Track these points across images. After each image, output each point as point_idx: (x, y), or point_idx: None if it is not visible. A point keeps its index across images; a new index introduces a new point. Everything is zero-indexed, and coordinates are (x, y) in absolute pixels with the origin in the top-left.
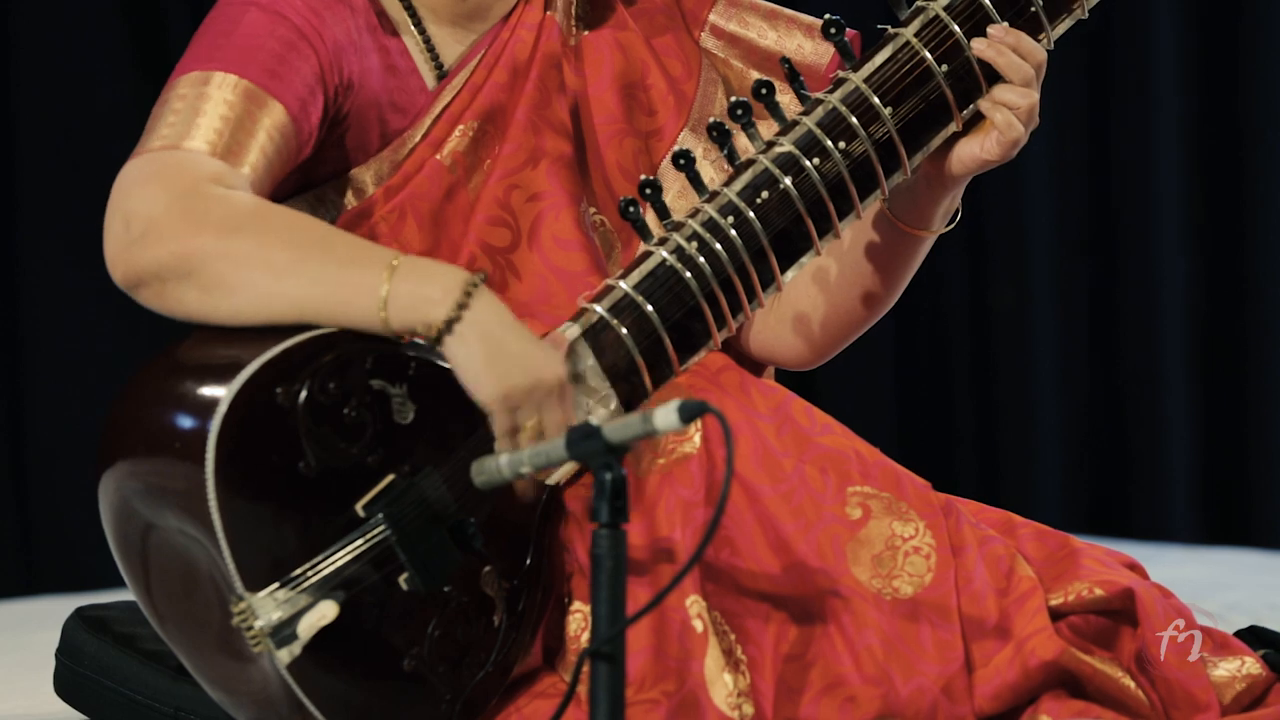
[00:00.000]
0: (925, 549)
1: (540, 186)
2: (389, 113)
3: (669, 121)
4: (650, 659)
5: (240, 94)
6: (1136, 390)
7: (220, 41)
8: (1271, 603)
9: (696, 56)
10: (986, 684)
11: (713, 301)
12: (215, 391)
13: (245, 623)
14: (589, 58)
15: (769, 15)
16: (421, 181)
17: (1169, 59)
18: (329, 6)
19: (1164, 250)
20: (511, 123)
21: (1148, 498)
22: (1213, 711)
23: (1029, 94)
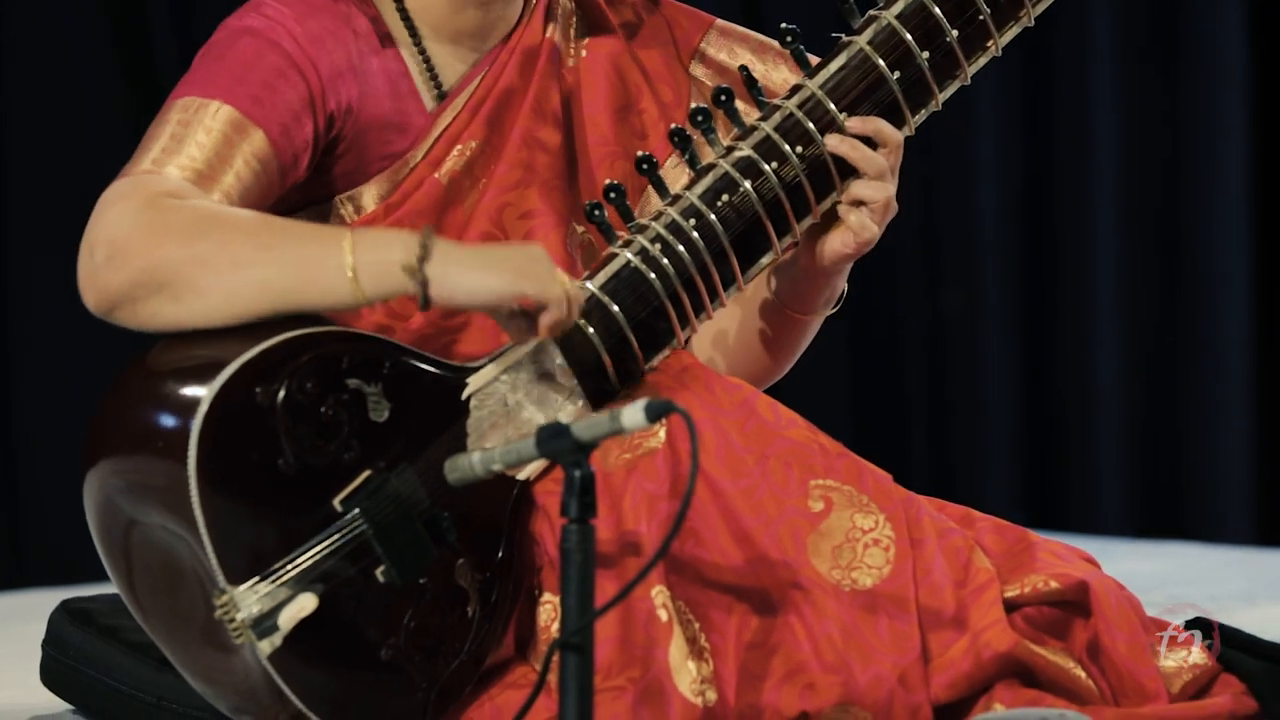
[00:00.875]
0: (885, 541)
1: (532, 205)
2: (390, 133)
3: (659, 145)
4: (617, 648)
5: (223, 121)
6: (1077, 388)
7: (213, 68)
8: (1213, 594)
9: (686, 85)
10: (942, 674)
11: (676, 301)
12: (196, 391)
13: (227, 615)
14: (585, 80)
15: (758, 48)
16: (420, 199)
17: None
18: (331, 32)
19: (1101, 258)
20: (507, 143)
21: (1089, 493)
22: (1161, 700)
23: (884, 188)
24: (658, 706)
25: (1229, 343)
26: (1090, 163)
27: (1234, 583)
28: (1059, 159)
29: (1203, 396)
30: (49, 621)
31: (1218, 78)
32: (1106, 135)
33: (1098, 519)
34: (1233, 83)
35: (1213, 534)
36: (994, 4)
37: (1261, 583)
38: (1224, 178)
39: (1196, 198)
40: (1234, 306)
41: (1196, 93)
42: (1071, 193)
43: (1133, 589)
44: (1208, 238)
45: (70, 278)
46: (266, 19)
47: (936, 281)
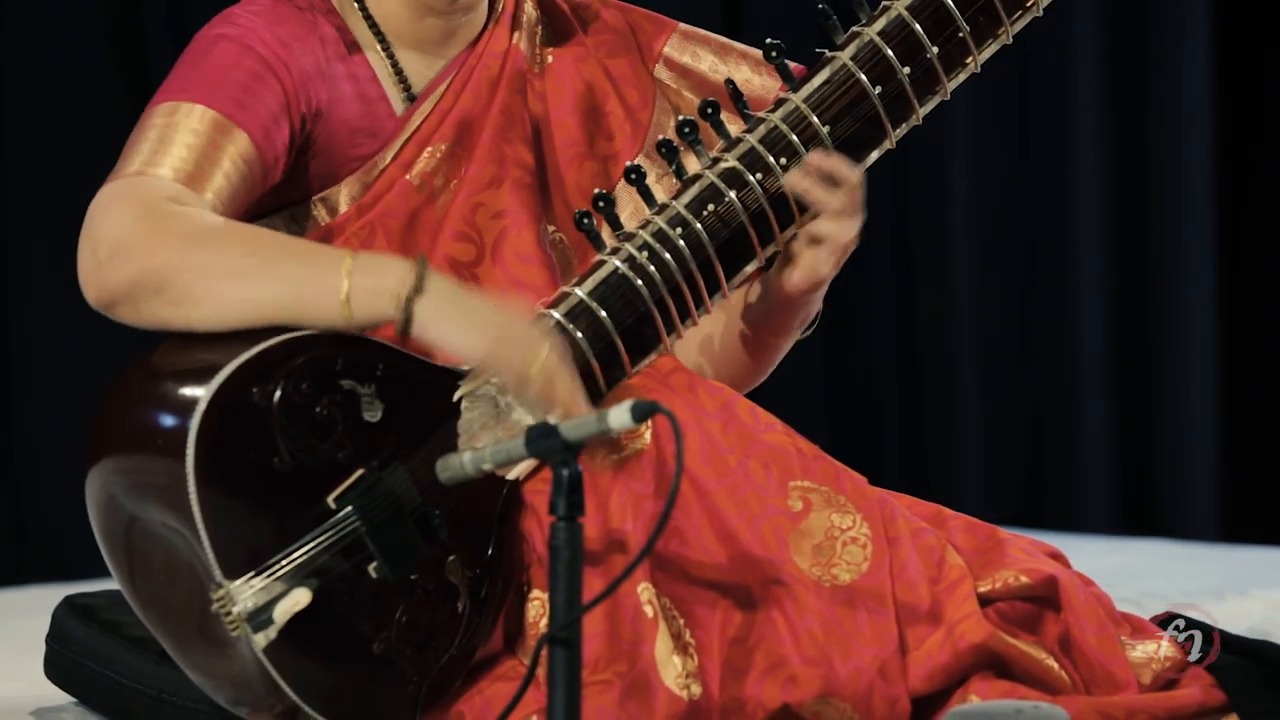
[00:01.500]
0: (862, 539)
1: (503, 205)
2: (359, 136)
3: (625, 146)
4: (604, 643)
5: (207, 123)
6: (1053, 393)
7: (191, 74)
8: (1185, 589)
9: (651, 87)
10: (919, 666)
11: (662, 307)
12: (194, 392)
13: (224, 609)
14: (552, 84)
15: (720, 49)
16: (391, 200)
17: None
18: (299, 39)
19: (1081, 262)
20: (477, 145)
21: (1065, 492)
22: (1131, 690)
23: (846, 227)
24: (644, 700)
25: (1196, 351)
26: (1070, 171)
27: (1202, 578)
28: (1036, 166)
29: (1173, 402)
30: (52, 617)
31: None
32: (1086, 144)
33: (1072, 517)
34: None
35: (1182, 531)
36: (974, 22)
37: (1228, 578)
38: (1189, 191)
39: (1166, 211)
40: (1200, 316)
41: (1167, 104)
42: (1051, 199)
43: (1104, 584)
44: (1176, 250)
45: (71, 280)
46: (239, 26)
47: (911, 284)
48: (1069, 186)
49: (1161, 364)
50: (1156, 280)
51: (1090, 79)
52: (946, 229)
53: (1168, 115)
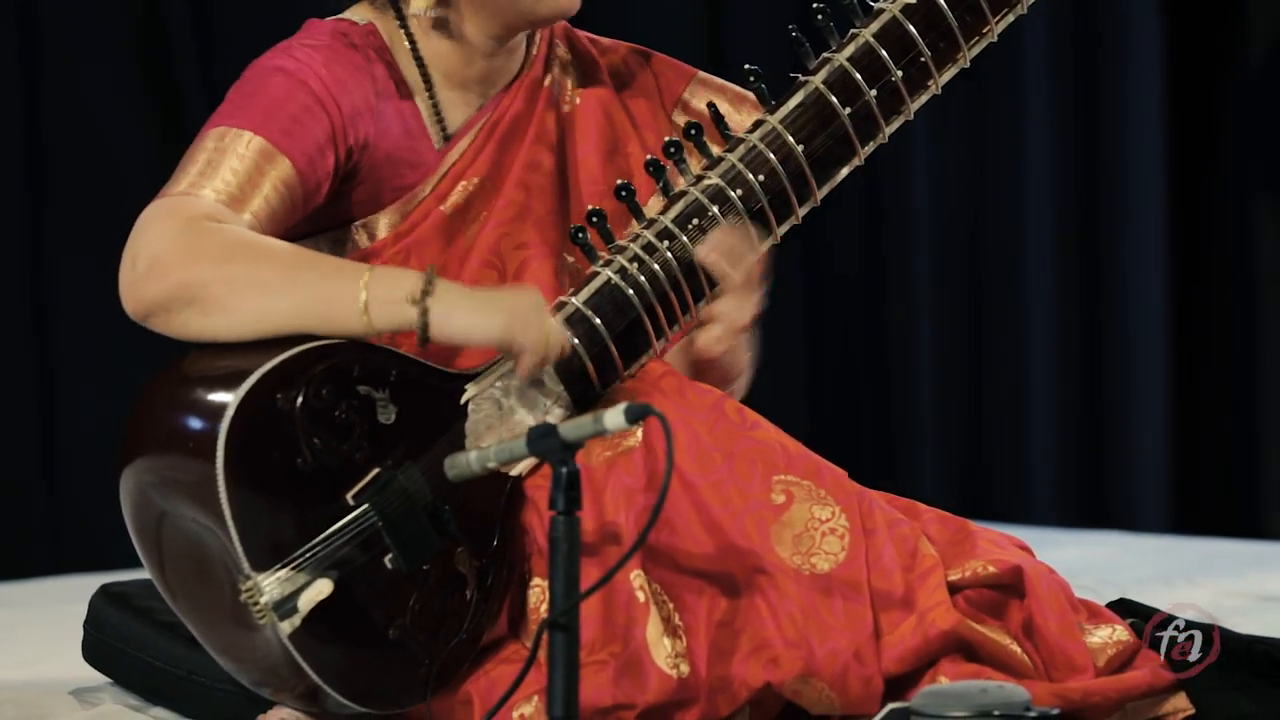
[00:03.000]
0: (840, 530)
1: (527, 237)
2: (401, 169)
3: (643, 186)
4: (600, 626)
5: (254, 149)
6: (1009, 391)
7: (246, 102)
8: (1138, 578)
9: (669, 131)
10: (892, 649)
11: (652, 314)
12: (223, 397)
13: (251, 599)
14: (579, 124)
15: (735, 99)
16: (426, 229)
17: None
18: (351, 76)
19: (1034, 269)
20: (506, 180)
21: (1026, 486)
22: (1088, 673)
23: (739, 310)
24: (636, 678)
25: (1147, 353)
26: (1022, 185)
27: (1153, 568)
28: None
29: (1124, 400)
30: (89, 604)
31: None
32: (1038, 160)
33: (1029, 510)
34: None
35: (1134, 524)
36: (934, 48)
37: (1177, 567)
38: (1140, 201)
39: (1117, 218)
40: (1151, 319)
41: (1119, 120)
42: (1006, 214)
43: (1063, 573)
44: (1127, 254)
45: (107, 290)
46: (296, 61)
47: (880, 296)
48: (1022, 201)
49: (1114, 365)
50: (1108, 285)
51: (1041, 99)
52: (909, 244)
53: (1118, 130)
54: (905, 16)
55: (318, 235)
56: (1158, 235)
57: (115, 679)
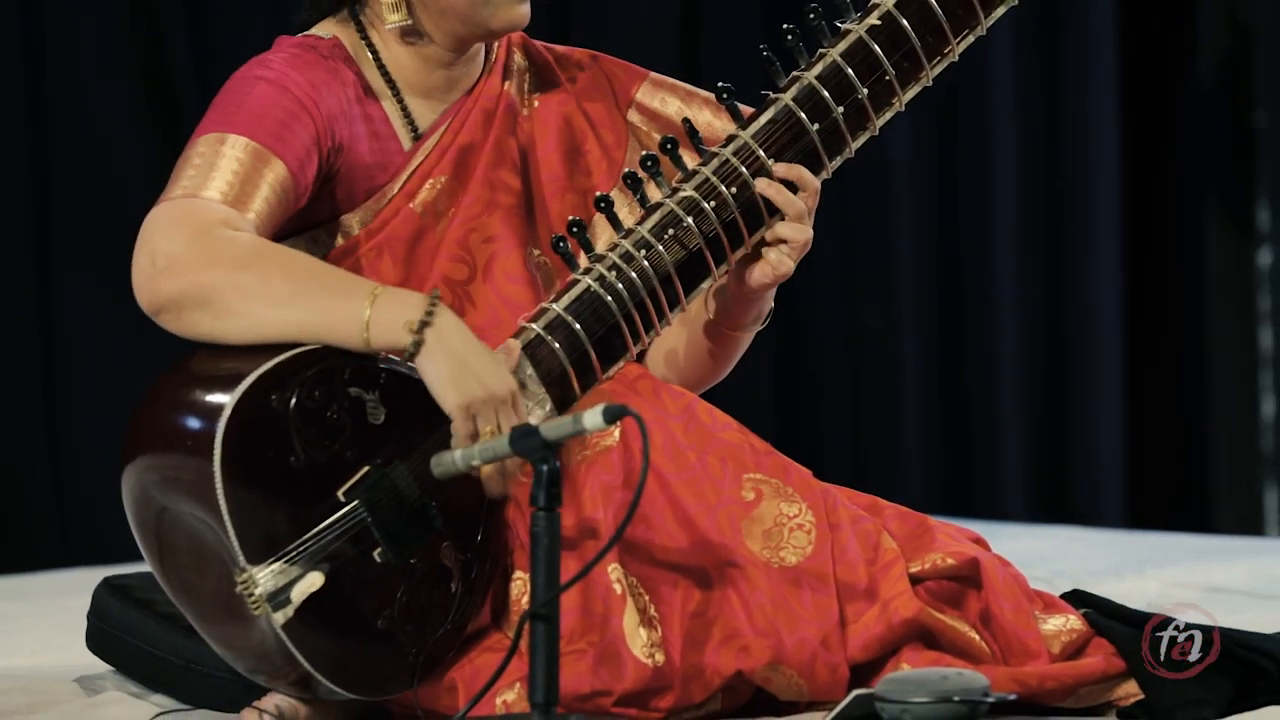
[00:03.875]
0: (807, 526)
1: (494, 231)
2: (372, 170)
3: (602, 181)
4: (579, 617)
5: (249, 153)
6: (979, 395)
7: (234, 109)
8: (1091, 570)
9: (625, 129)
10: (857, 637)
11: (629, 320)
12: (220, 399)
13: (247, 590)
14: (538, 125)
15: (685, 95)
16: (397, 225)
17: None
18: (325, 82)
19: (1001, 280)
20: (472, 177)
21: (987, 483)
22: (1042, 659)
23: (803, 229)
24: (614, 666)
25: (1104, 362)
26: (991, 201)
27: (1106, 560)
28: (963, 197)
29: (1083, 406)
30: (93, 595)
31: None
32: (1004, 171)
33: (996, 505)
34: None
35: (1089, 518)
36: (898, 66)
37: (1129, 559)
38: (1097, 216)
39: (1077, 233)
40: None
41: (1078, 136)
42: (976, 228)
43: (1020, 565)
44: (1086, 266)
45: (111, 296)
46: (274, 70)
47: (855, 298)
48: (991, 215)
49: (1074, 373)
50: (1069, 301)
51: (1007, 115)
52: (887, 255)
53: (1076, 146)
54: (871, 37)
55: (295, 235)
56: (1113, 246)
57: (117, 667)
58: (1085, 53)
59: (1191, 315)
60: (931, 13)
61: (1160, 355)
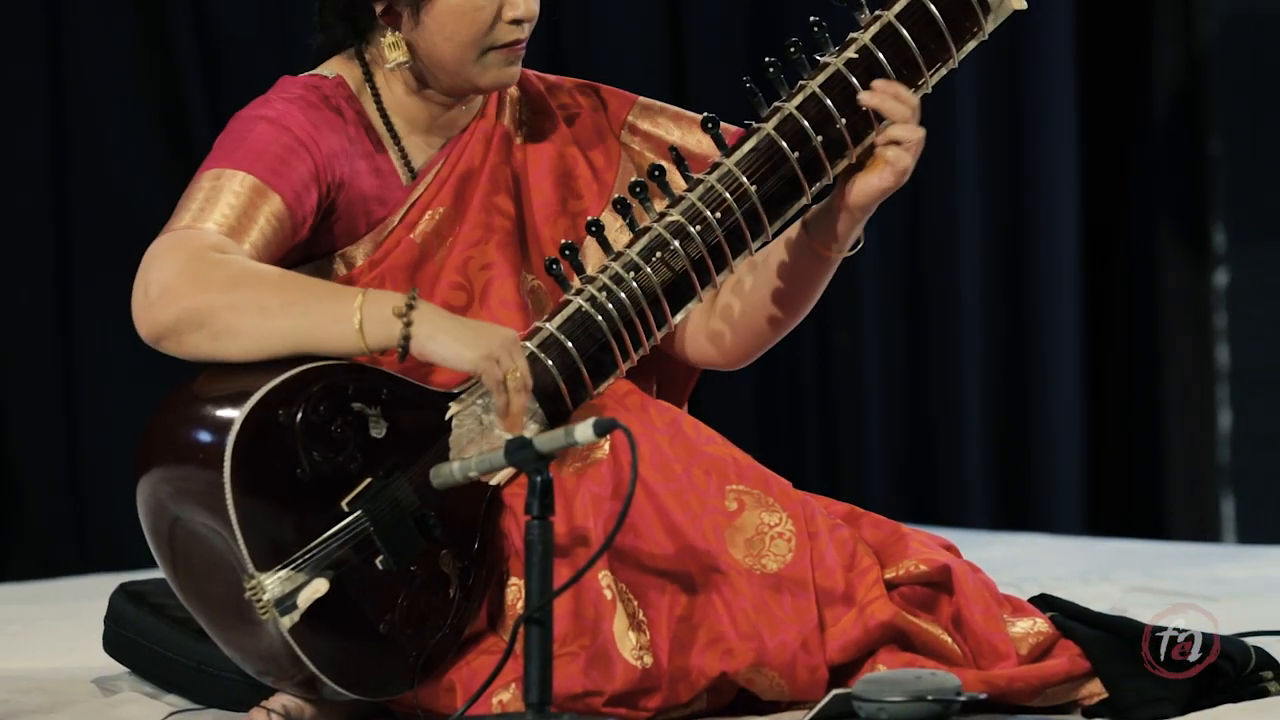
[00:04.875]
0: (787, 534)
1: (490, 258)
2: (373, 205)
3: (592, 203)
4: (571, 621)
5: (248, 187)
6: (944, 409)
7: (235, 146)
8: (1056, 575)
9: (616, 151)
10: (835, 640)
11: (619, 338)
12: (229, 413)
13: (255, 596)
14: (531, 153)
15: (675, 117)
16: (398, 255)
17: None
18: (326, 121)
19: (964, 300)
20: (469, 208)
21: (956, 492)
22: (1011, 660)
23: (915, 130)
24: (604, 668)
25: (1063, 377)
26: (954, 228)
27: (1070, 566)
28: (925, 222)
29: (1044, 418)
30: (109, 601)
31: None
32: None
33: (961, 514)
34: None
35: (1053, 526)
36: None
37: (1092, 565)
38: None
39: (1039, 255)
40: (1066, 349)
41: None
42: (939, 252)
43: (988, 571)
44: (1046, 287)
45: (126, 317)
46: (277, 110)
47: (826, 321)
48: (955, 240)
49: (1035, 387)
50: (1031, 319)
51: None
52: (854, 276)
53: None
54: (848, 70)
55: (302, 265)
56: (1074, 268)
57: (133, 669)
58: (1047, 84)
59: (1150, 333)
60: (906, 47)
61: (1120, 371)
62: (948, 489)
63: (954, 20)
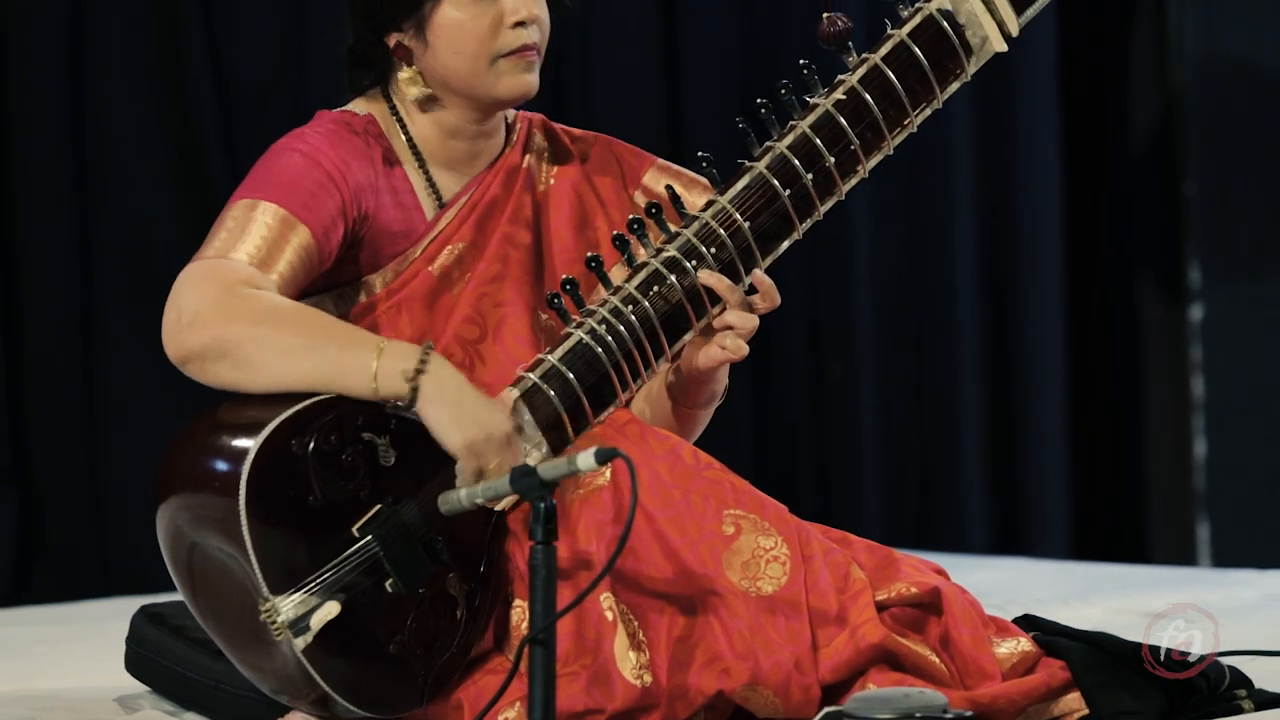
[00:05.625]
0: (782, 558)
1: (505, 297)
2: (396, 237)
3: (608, 255)
4: (573, 641)
5: (278, 219)
6: (938, 438)
7: (267, 178)
8: (1040, 598)
9: (631, 208)
10: (828, 660)
11: (618, 369)
12: (245, 443)
13: (270, 618)
14: (553, 200)
15: (688, 182)
16: (416, 286)
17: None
18: (355, 157)
19: (957, 335)
20: (488, 245)
21: (948, 519)
22: (996, 679)
23: (750, 316)
24: (605, 687)
25: (1049, 412)
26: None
27: (1054, 588)
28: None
29: (1032, 450)
30: (131, 622)
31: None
32: (961, 235)
33: (953, 540)
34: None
35: (1038, 551)
36: (861, 137)
37: (1075, 588)
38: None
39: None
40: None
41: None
42: (934, 287)
43: (978, 593)
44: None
45: (150, 349)
46: (309, 144)
47: (821, 353)
48: (947, 280)
49: (1022, 418)
50: (1016, 354)
51: (962, 185)
52: (850, 309)
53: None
54: (836, 110)
55: (322, 293)
56: (1057, 304)
57: (153, 688)
58: (1031, 129)
59: (1130, 366)
60: (892, 88)
61: (1102, 403)
62: (939, 516)
63: (937, 62)
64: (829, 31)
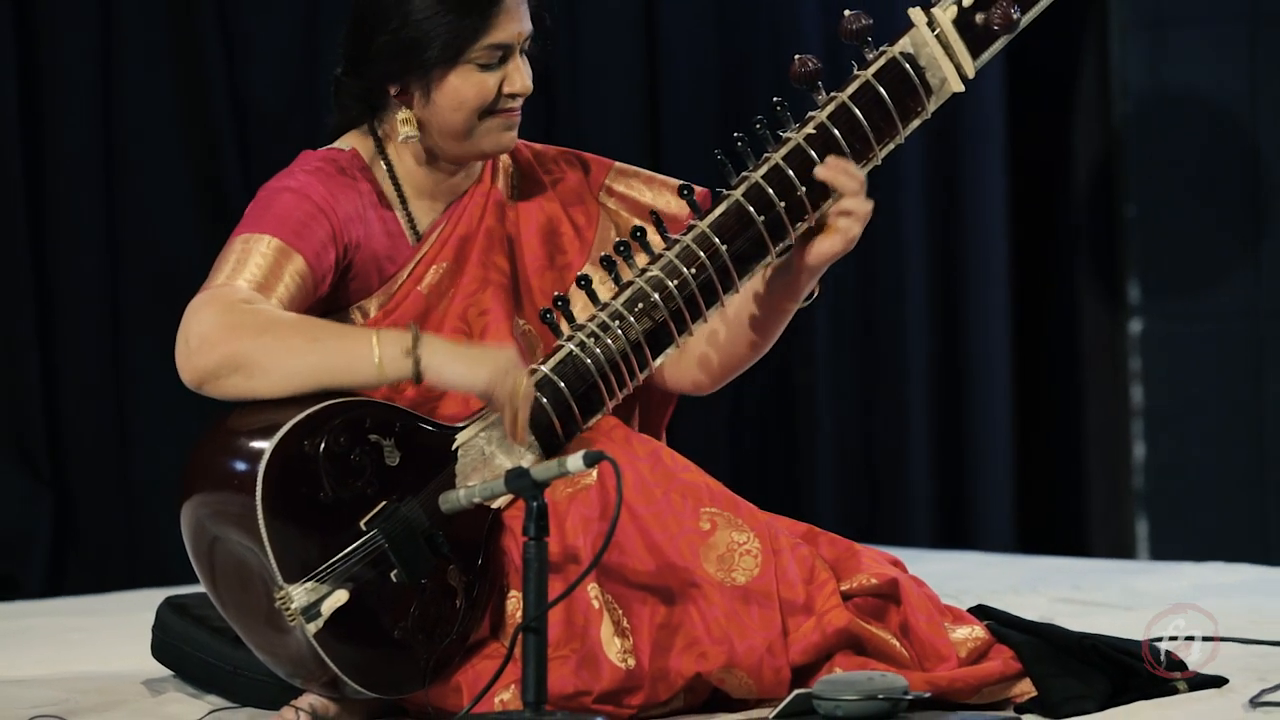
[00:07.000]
0: (754, 551)
1: (487, 305)
2: (385, 262)
3: (575, 258)
4: (563, 628)
5: (274, 249)
6: (889, 441)
7: (262, 213)
8: (990, 588)
9: (595, 211)
10: (797, 645)
11: (605, 379)
12: (261, 445)
13: (284, 605)
14: (522, 215)
15: (648, 180)
16: (408, 305)
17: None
18: (343, 190)
19: (908, 347)
20: (469, 263)
21: (899, 514)
22: (952, 663)
23: (864, 202)
24: (593, 669)
25: (996, 409)
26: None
27: (1003, 580)
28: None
29: (979, 446)
30: (157, 612)
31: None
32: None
33: (905, 533)
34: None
35: (987, 544)
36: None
37: (1022, 579)
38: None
39: (973, 304)
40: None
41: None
42: (887, 298)
43: (932, 584)
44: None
45: (172, 366)
46: (298, 180)
47: (787, 365)
48: (899, 295)
49: (971, 422)
50: (965, 364)
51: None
52: (812, 325)
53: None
54: (808, 144)
55: (323, 317)
56: (1004, 318)
57: (177, 672)
58: (980, 155)
59: (1073, 375)
60: (859, 124)
61: (1047, 408)
62: (892, 511)
63: (900, 101)
64: (800, 72)
